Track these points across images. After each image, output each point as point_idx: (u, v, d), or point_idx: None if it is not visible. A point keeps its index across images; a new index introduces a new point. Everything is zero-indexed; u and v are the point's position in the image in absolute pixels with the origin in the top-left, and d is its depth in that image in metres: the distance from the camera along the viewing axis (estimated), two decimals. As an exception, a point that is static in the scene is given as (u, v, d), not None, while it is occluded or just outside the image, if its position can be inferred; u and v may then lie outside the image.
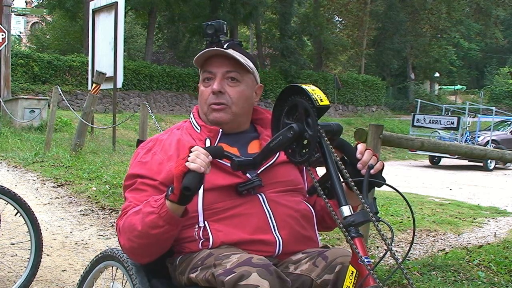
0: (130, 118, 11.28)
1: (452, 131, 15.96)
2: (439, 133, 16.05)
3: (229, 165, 1.68)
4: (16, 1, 30.74)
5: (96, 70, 9.40)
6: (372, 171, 1.57)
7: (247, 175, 1.74)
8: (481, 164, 14.80)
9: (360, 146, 1.62)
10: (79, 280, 2.02)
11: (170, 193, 1.57)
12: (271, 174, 1.77)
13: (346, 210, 1.44)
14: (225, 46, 1.79)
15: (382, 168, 1.63)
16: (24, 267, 3.18)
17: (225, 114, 1.80)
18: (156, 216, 1.60)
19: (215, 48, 1.78)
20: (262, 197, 1.73)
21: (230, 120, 1.82)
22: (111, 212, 5.28)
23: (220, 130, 1.81)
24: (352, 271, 1.41)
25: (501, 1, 30.51)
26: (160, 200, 1.61)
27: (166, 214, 1.59)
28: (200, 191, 1.69)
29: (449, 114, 19.50)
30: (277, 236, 1.69)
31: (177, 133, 1.85)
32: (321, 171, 1.60)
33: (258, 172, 1.75)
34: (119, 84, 10.58)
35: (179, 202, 1.56)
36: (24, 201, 3.01)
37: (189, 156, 1.55)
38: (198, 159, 1.54)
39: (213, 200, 1.71)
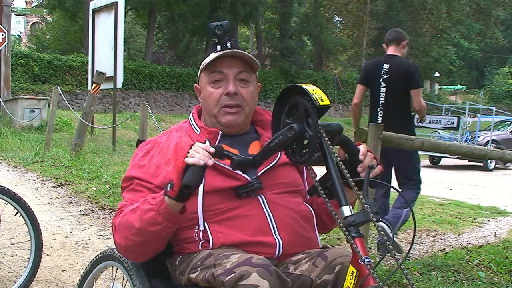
0: (130, 118, 11.28)
1: (452, 131, 15.94)
2: (439, 133, 16.03)
3: (229, 167, 1.67)
4: (16, 1, 30.76)
5: (96, 70, 9.40)
6: (370, 175, 1.57)
7: (247, 177, 1.73)
8: (481, 164, 14.79)
9: (363, 148, 1.63)
10: (79, 280, 2.02)
11: (169, 189, 1.56)
12: (271, 176, 1.76)
13: (347, 210, 1.44)
14: (229, 46, 1.79)
15: (380, 172, 1.64)
16: (24, 267, 3.18)
17: (239, 117, 1.80)
18: (155, 213, 1.59)
19: (235, 50, 1.78)
20: (262, 198, 1.72)
21: (242, 122, 1.82)
22: (111, 212, 5.28)
23: (220, 132, 1.80)
24: (353, 271, 1.41)
25: (501, 1, 30.52)
26: (158, 197, 1.60)
27: (165, 210, 1.58)
28: (200, 193, 1.69)
29: (449, 114, 19.49)
30: (277, 238, 1.69)
31: (175, 135, 1.84)
32: (320, 171, 1.60)
33: (258, 174, 1.75)
34: (119, 84, 10.58)
35: (178, 198, 1.56)
36: (24, 201, 3.01)
37: (188, 153, 1.54)
38: (197, 153, 1.53)
39: (213, 201, 1.70)
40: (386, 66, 4.34)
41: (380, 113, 4.35)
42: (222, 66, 1.79)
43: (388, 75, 4.32)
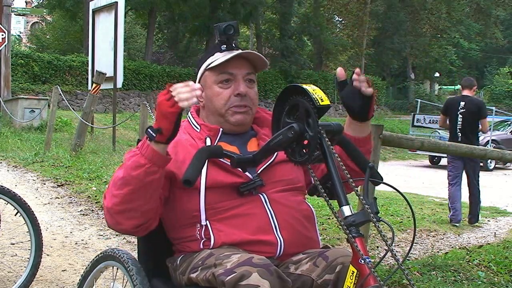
0: (130, 118, 11.28)
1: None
2: (439, 133, 16.02)
3: (229, 163, 1.68)
4: (16, 1, 30.74)
5: (96, 70, 9.40)
6: (362, 88, 1.66)
7: (249, 175, 1.73)
8: (481, 164, 14.78)
9: (357, 69, 1.70)
10: (79, 280, 2.02)
11: (155, 134, 1.54)
12: (271, 173, 1.77)
13: (347, 210, 1.44)
14: (235, 46, 1.80)
15: (373, 95, 1.70)
16: (24, 267, 3.18)
17: (248, 116, 1.81)
18: (138, 155, 1.58)
19: (249, 51, 1.79)
20: (264, 197, 1.73)
21: (250, 121, 1.84)
22: (111, 212, 5.27)
23: (221, 129, 1.81)
24: (353, 271, 1.41)
25: (501, 1, 30.48)
26: (141, 142, 1.60)
27: (148, 150, 1.56)
28: (202, 189, 1.69)
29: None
30: (279, 237, 1.69)
31: None
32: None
33: (258, 172, 1.75)
34: (119, 84, 10.58)
35: (168, 141, 1.56)
36: (24, 201, 3.01)
37: (171, 95, 1.52)
38: (182, 94, 1.51)
39: (215, 199, 1.70)
40: (462, 103, 6.34)
41: (459, 134, 6.29)
42: (232, 67, 1.78)
43: (464, 109, 6.29)
